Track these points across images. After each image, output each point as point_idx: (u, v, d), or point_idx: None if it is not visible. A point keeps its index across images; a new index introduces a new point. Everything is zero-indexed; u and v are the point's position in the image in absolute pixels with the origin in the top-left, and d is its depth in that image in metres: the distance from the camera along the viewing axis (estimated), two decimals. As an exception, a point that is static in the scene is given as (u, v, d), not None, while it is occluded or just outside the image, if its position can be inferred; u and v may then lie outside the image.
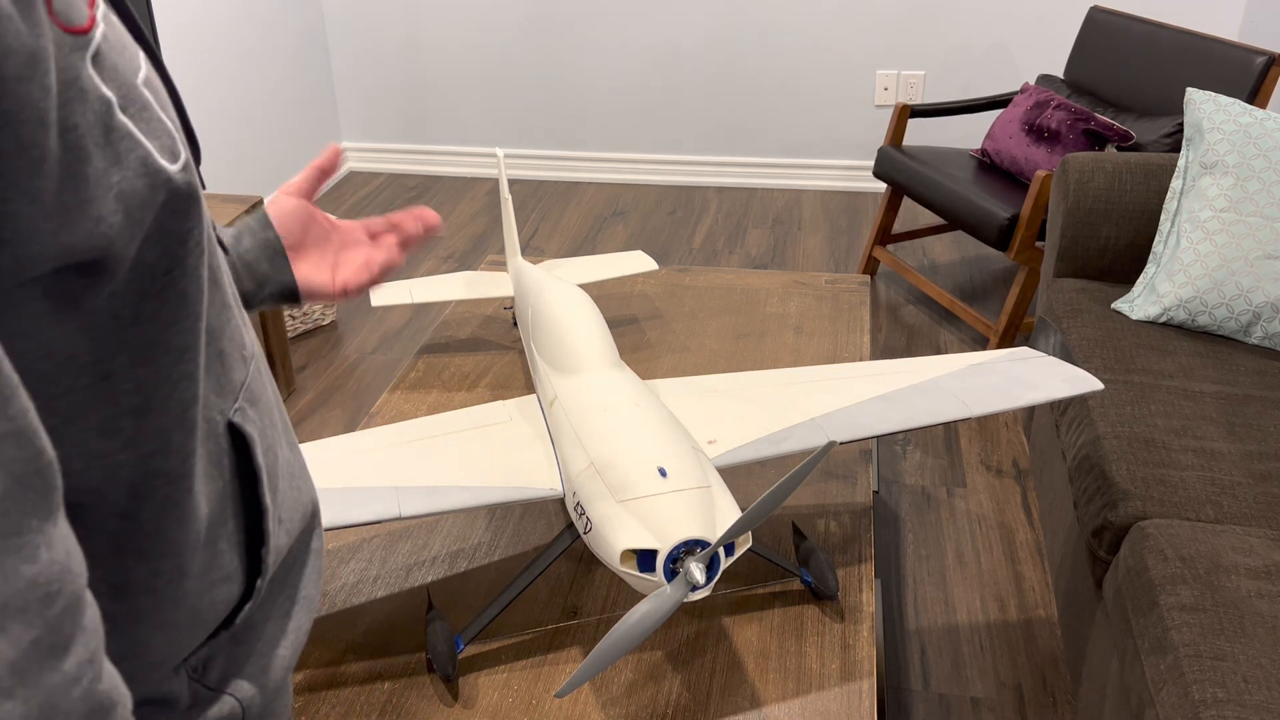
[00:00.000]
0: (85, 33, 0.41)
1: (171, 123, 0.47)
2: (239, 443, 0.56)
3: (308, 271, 0.94)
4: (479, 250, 3.45)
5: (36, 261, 0.40)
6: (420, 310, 3.07)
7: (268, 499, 0.57)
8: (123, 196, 0.43)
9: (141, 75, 0.46)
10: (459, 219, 3.71)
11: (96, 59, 0.42)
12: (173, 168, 0.46)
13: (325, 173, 1.00)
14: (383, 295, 1.72)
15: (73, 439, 0.46)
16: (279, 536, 0.59)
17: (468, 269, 3.30)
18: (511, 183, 4.04)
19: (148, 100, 0.45)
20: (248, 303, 0.89)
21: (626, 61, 3.83)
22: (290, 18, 3.68)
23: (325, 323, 3.00)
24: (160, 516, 0.50)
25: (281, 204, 0.95)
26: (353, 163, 4.15)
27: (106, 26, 0.44)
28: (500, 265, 2.01)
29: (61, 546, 0.38)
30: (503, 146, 4.06)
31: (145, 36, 0.56)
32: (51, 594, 0.37)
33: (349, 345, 2.90)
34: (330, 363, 2.82)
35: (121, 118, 0.43)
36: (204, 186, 0.71)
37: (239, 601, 0.58)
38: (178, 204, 0.46)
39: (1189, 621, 1.25)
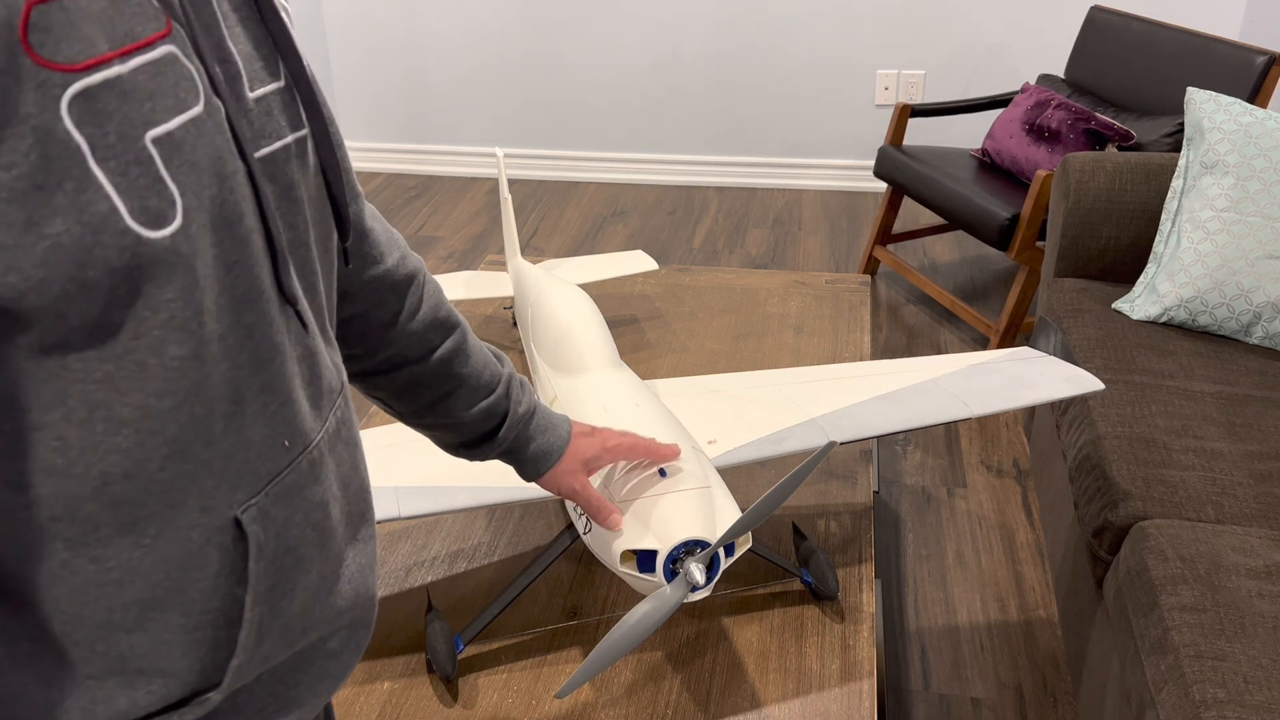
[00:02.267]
0: (75, 71, 0.39)
1: (177, 186, 0.44)
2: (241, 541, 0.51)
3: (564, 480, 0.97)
4: (479, 250, 3.45)
5: None
6: (420, 310, 3.06)
7: (250, 610, 0.52)
8: (59, 249, 0.40)
9: (159, 130, 0.43)
10: (459, 219, 3.71)
11: (83, 99, 0.39)
12: (150, 233, 0.42)
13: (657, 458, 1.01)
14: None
15: None
16: (262, 649, 0.54)
17: (468, 269, 3.30)
18: (511, 182, 4.04)
19: (148, 157, 0.42)
20: (482, 440, 0.88)
21: (627, 61, 3.83)
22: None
23: (325, 322, 3.00)
24: (53, 584, 0.47)
25: (588, 451, 0.96)
26: (352, 162, 4.15)
27: (149, 74, 0.42)
28: (500, 265, 2.01)
29: None
30: (502, 146, 4.05)
31: (316, 101, 0.53)
32: None
33: (349, 345, 2.90)
34: (330, 363, 2.82)
35: (92, 167, 0.40)
36: (348, 264, 0.68)
37: (171, 704, 0.52)
38: (153, 273, 0.43)
39: (1189, 622, 1.25)
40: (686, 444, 1.11)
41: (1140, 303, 1.94)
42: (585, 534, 1.07)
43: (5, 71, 0.36)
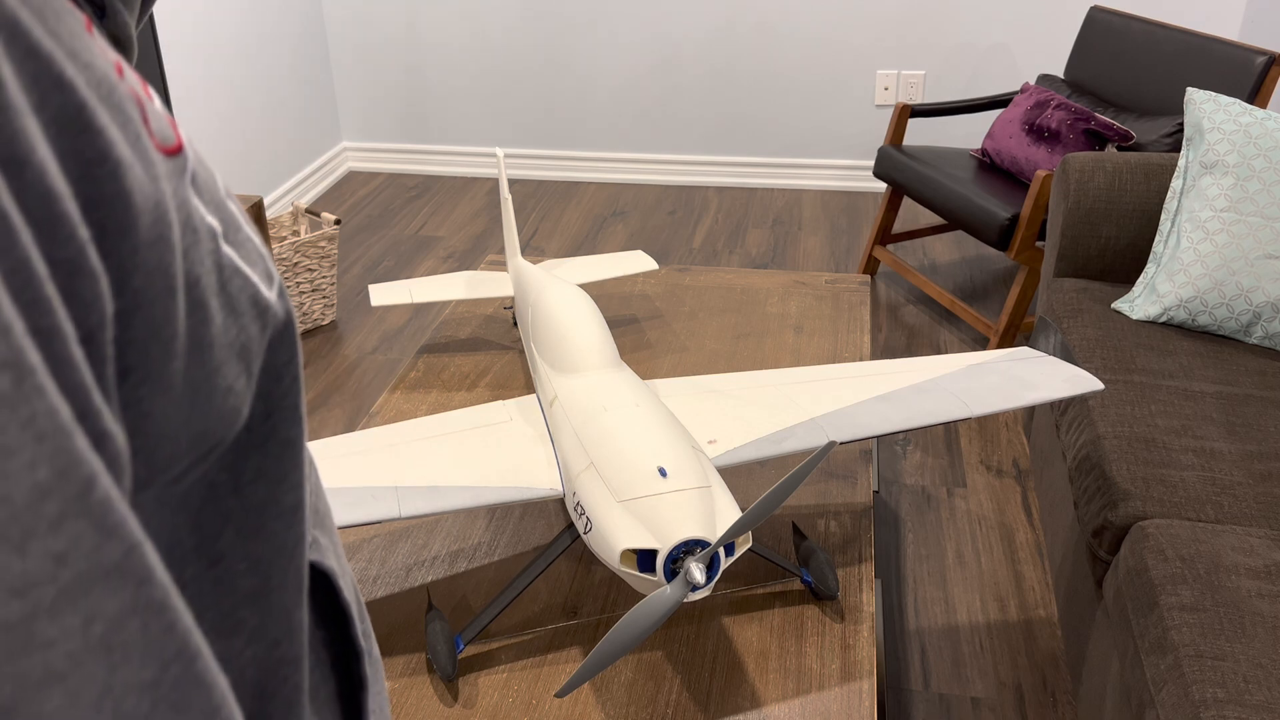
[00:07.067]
0: (179, 152, 0.31)
1: (256, 235, 0.36)
2: (320, 581, 0.45)
3: None
4: (479, 250, 3.45)
5: (168, 465, 0.31)
6: (420, 310, 3.07)
7: (361, 640, 0.46)
8: (244, 352, 0.34)
9: (222, 184, 0.35)
10: (459, 219, 3.71)
11: (195, 182, 0.32)
12: (272, 295, 0.36)
13: None
14: (383, 295, 1.72)
15: None
16: (377, 681, 0.49)
17: (468, 269, 3.30)
18: (511, 182, 4.04)
19: (237, 218, 0.35)
20: None
21: (626, 61, 3.83)
22: (290, 18, 3.68)
23: (325, 323, 3.00)
24: (287, 712, 0.40)
25: None
26: (352, 163, 4.15)
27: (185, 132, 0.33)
28: (500, 265, 2.01)
29: None
30: (502, 146, 4.05)
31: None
32: None
33: (349, 345, 2.90)
34: (330, 363, 2.82)
35: (227, 250, 0.33)
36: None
37: None
38: (276, 337, 0.36)
39: (1189, 621, 1.25)
40: (686, 444, 1.11)
41: (1140, 303, 1.94)
42: (585, 534, 1.07)
43: (165, 177, 0.30)
